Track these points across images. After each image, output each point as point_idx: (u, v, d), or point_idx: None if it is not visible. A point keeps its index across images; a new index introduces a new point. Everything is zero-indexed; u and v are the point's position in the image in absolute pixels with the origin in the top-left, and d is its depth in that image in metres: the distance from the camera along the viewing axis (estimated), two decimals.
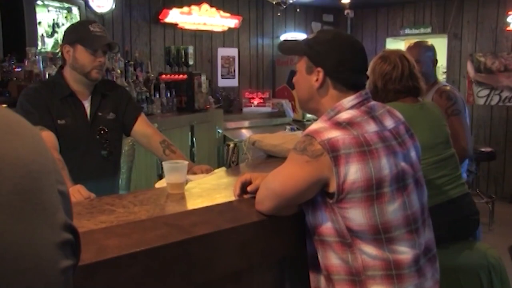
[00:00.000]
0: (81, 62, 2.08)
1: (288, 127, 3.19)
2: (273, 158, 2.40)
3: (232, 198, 1.58)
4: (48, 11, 4.20)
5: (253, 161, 2.38)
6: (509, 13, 5.84)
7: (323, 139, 1.30)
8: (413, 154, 1.46)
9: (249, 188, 1.54)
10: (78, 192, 1.67)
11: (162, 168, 1.84)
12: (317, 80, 1.45)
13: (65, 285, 0.51)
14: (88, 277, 1.03)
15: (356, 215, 1.31)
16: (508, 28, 5.88)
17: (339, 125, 1.34)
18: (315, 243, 1.44)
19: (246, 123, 5.69)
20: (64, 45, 2.12)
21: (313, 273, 1.50)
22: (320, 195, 1.37)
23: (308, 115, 6.43)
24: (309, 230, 1.46)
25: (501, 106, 6.05)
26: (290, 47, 1.69)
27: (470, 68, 6.21)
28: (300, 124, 5.85)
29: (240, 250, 1.41)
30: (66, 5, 4.40)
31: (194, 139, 4.39)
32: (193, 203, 1.59)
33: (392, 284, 1.33)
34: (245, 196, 1.57)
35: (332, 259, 1.39)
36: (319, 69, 1.44)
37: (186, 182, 1.77)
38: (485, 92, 6.12)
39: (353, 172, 1.28)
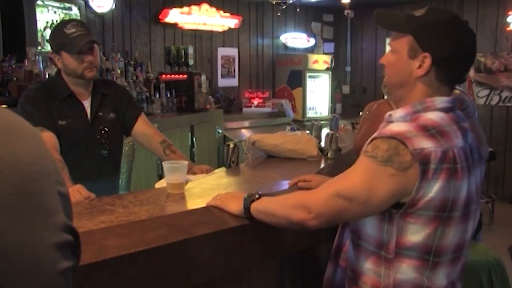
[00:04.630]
0: (71, 67, 2.08)
1: (288, 127, 3.19)
2: (273, 158, 2.40)
3: None
4: (48, 11, 4.20)
5: (253, 161, 2.38)
6: (509, 13, 5.83)
7: (415, 148, 1.14)
8: (478, 177, 1.31)
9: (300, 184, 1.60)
10: (78, 192, 1.67)
11: (162, 168, 1.84)
12: (420, 66, 1.25)
13: (65, 286, 0.51)
14: (88, 277, 1.03)
15: (417, 232, 1.20)
16: (508, 28, 5.87)
17: (427, 131, 1.17)
18: (351, 242, 1.37)
19: (246, 123, 5.69)
20: (52, 55, 2.12)
21: (331, 265, 1.47)
22: None
23: (309, 115, 6.43)
24: (347, 224, 1.40)
25: (501, 106, 6.04)
26: (391, 21, 1.37)
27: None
28: (300, 124, 5.85)
29: (240, 250, 1.41)
30: (66, 5, 4.40)
31: (194, 139, 4.39)
32: (193, 203, 1.59)
33: None
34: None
35: (363, 264, 1.31)
36: (427, 54, 1.24)
37: (186, 182, 1.78)
38: (485, 92, 6.12)
39: (435, 190, 1.16)
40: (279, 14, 6.17)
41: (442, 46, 1.24)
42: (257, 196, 1.39)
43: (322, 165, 2.30)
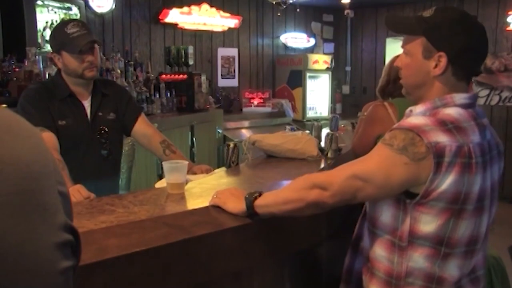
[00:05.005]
0: (71, 67, 2.08)
1: (288, 127, 3.18)
2: (273, 158, 2.40)
3: None
4: (48, 11, 4.20)
5: (253, 161, 2.38)
6: (509, 13, 5.84)
7: (430, 141, 1.18)
8: (496, 173, 1.34)
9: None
10: (78, 192, 1.67)
11: (162, 168, 1.84)
12: (436, 66, 1.28)
13: (65, 285, 0.51)
14: (87, 277, 1.03)
15: (429, 222, 1.24)
16: (508, 28, 5.88)
17: (444, 125, 1.21)
18: (367, 230, 1.40)
19: (246, 123, 5.70)
20: (52, 54, 2.12)
21: (351, 254, 1.49)
22: None
23: (309, 115, 6.44)
24: (366, 214, 1.43)
25: (501, 106, 6.05)
26: (402, 25, 1.39)
27: None
28: (300, 124, 5.85)
29: (240, 250, 1.41)
30: (66, 5, 4.40)
31: (194, 139, 4.39)
32: (193, 203, 1.59)
33: None
34: None
35: (377, 252, 1.35)
36: (442, 53, 1.26)
37: (186, 182, 1.78)
38: (485, 92, 6.12)
39: (448, 182, 1.19)
40: (279, 14, 6.17)
41: (455, 44, 1.26)
42: (257, 194, 1.39)
43: (322, 165, 2.30)
